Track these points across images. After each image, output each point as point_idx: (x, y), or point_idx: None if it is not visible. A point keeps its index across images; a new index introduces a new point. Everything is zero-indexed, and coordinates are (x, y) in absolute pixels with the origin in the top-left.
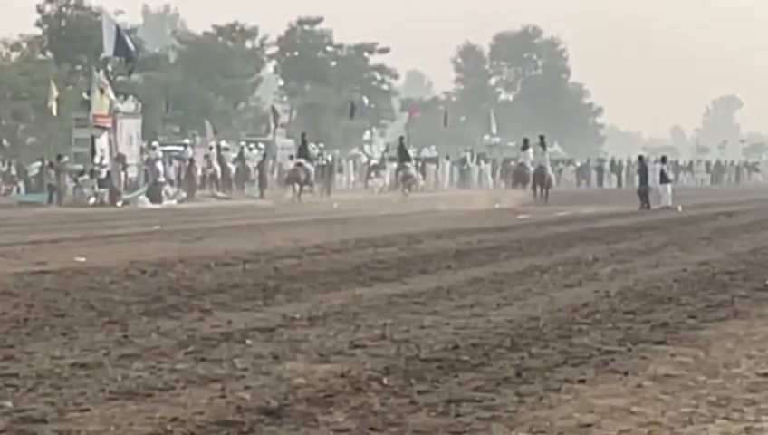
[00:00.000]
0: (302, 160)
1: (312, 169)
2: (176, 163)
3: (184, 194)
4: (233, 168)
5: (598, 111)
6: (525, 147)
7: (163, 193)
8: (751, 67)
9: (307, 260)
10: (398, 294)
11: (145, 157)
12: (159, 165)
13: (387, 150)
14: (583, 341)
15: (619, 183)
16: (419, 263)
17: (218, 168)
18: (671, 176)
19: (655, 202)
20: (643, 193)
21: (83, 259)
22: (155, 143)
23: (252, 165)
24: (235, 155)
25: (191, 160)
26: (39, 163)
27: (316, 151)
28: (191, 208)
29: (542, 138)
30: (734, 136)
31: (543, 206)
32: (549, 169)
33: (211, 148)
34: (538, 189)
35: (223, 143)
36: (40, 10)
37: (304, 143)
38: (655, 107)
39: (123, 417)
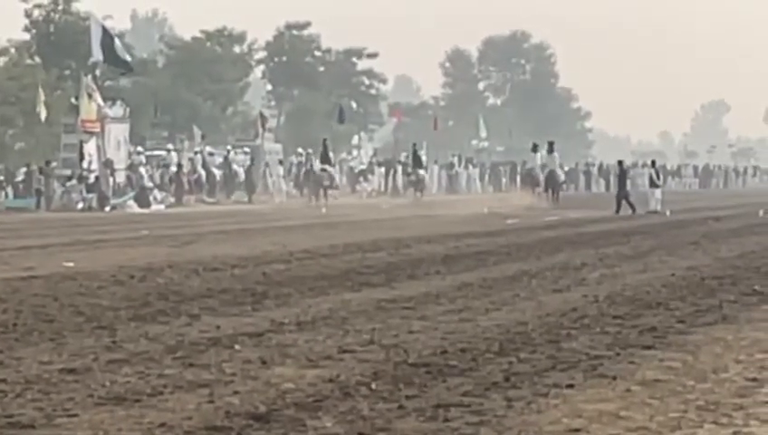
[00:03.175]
0: (326, 166)
1: (336, 175)
2: (159, 168)
3: (172, 199)
4: (218, 173)
5: (586, 116)
6: (535, 151)
7: (151, 198)
8: (738, 71)
9: (296, 265)
10: (386, 299)
11: (128, 162)
12: (143, 170)
13: (375, 155)
14: (572, 345)
15: (608, 187)
16: (408, 268)
17: (203, 172)
18: (660, 181)
19: (643, 206)
20: (621, 198)
21: (72, 264)
22: (139, 148)
23: (240, 169)
24: (220, 160)
25: (179, 165)
26: (25, 168)
27: (303, 157)
28: (179, 213)
29: (550, 144)
30: (722, 140)
31: (555, 208)
32: (560, 173)
33: (196, 153)
34: (550, 192)
35: (208, 148)
36: (28, 15)
37: (326, 149)
38: (643, 111)
39: (112, 422)
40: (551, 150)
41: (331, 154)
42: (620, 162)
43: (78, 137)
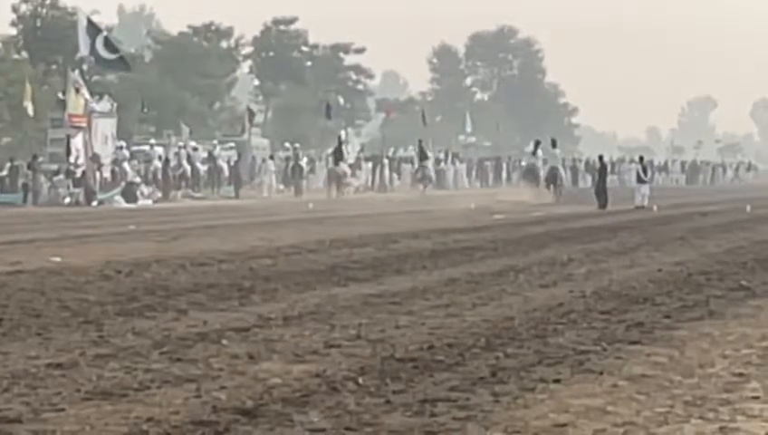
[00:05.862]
0: (341, 163)
1: (349, 170)
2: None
3: (159, 194)
4: (202, 168)
5: (573, 111)
6: (536, 149)
7: (138, 193)
8: (725, 68)
9: (282, 260)
10: (373, 295)
11: (113, 157)
12: (127, 165)
13: (362, 150)
14: (558, 341)
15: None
16: (395, 263)
17: (188, 167)
18: (647, 176)
19: (631, 202)
20: (600, 192)
21: (59, 259)
22: (122, 143)
23: (226, 165)
24: (204, 155)
25: (166, 160)
26: (9, 164)
27: (290, 152)
28: (166, 208)
29: (553, 140)
30: (709, 136)
31: (557, 204)
32: (561, 170)
33: (180, 148)
34: (552, 188)
35: (192, 143)
36: (15, 10)
37: (340, 145)
38: (630, 107)
39: (99, 417)
40: (554, 145)
41: (345, 152)
42: (601, 157)
43: (65, 132)
